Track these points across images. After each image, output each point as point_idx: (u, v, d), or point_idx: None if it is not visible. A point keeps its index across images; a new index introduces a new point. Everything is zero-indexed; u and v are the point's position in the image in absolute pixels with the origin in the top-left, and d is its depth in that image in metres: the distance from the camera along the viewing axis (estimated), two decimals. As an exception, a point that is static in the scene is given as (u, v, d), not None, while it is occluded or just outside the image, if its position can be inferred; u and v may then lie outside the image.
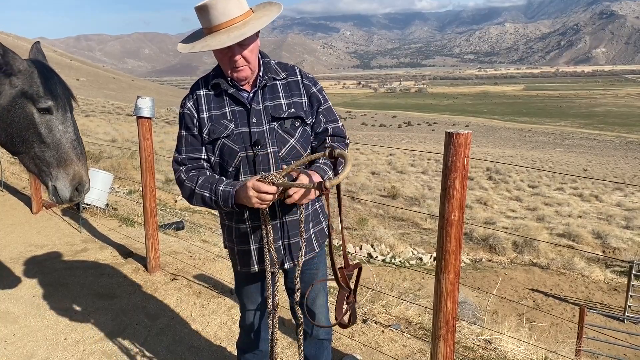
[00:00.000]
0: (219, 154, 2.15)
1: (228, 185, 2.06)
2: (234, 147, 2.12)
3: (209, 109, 2.16)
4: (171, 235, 6.02)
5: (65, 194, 2.44)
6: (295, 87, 2.21)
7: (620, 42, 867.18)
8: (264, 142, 2.12)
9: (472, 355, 3.46)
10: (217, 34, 2.00)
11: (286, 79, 2.21)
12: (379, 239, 14.29)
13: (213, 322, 3.79)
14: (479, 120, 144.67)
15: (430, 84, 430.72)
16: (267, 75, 2.17)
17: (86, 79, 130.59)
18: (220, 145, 2.13)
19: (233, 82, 2.13)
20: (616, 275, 13.45)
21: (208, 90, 2.18)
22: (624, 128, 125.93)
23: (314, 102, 2.23)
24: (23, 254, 5.07)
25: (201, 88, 2.20)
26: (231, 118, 2.13)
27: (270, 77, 2.17)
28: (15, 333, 3.65)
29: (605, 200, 25.03)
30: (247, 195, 1.97)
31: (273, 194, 1.94)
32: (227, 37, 1.96)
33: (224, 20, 1.98)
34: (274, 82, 2.18)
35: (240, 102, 2.14)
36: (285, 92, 2.19)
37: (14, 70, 2.41)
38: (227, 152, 2.13)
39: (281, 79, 2.20)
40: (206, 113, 2.15)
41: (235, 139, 2.12)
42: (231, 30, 1.98)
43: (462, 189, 2.37)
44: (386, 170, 30.19)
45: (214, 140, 2.13)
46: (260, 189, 1.93)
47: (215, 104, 2.16)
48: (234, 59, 2.03)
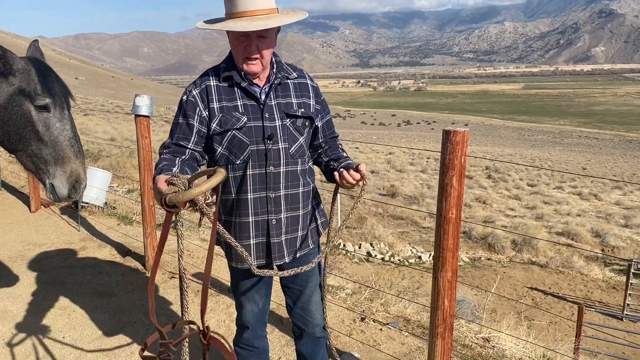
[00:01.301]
0: (227, 145, 2.13)
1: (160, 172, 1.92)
2: (244, 140, 2.11)
3: (220, 99, 2.14)
4: (170, 234, 6.01)
5: (63, 191, 2.44)
6: (305, 88, 2.25)
7: (620, 41, 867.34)
8: (276, 137, 2.13)
9: (471, 353, 3.46)
10: (239, 20, 2.00)
11: (297, 79, 2.25)
12: (378, 237, 14.29)
13: (211, 321, 3.79)
14: (478, 119, 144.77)
15: (429, 82, 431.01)
16: (281, 74, 2.19)
17: (85, 78, 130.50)
18: (231, 136, 2.11)
19: (246, 75, 2.13)
20: (615, 273, 13.46)
21: (219, 81, 2.16)
22: (623, 127, 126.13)
23: (324, 107, 2.34)
24: (21, 253, 5.07)
25: (212, 78, 2.17)
26: (243, 111, 2.12)
27: (284, 76, 2.20)
28: (13, 331, 3.65)
29: (604, 198, 25.06)
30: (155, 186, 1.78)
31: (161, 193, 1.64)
32: (250, 23, 1.97)
33: (249, 8, 2.00)
34: (286, 81, 2.21)
35: (253, 97, 2.14)
36: (296, 91, 2.22)
37: (12, 69, 2.40)
38: (237, 145, 2.12)
39: (293, 79, 2.24)
40: (217, 104, 2.13)
41: (247, 132, 2.11)
42: (254, 19, 2.00)
43: (460, 187, 2.37)
44: (385, 169, 30.19)
45: (224, 131, 2.11)
46: (156, 182, 1.75)
47: (227, 96, 2.14)
48: (249, 49, 2.04)
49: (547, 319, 10.18)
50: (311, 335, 2.47)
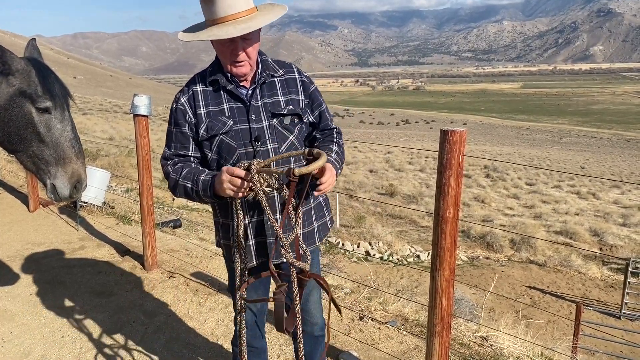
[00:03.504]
0: (216, 150, 2.14)
1: (208, 175, 2.05)
2: (232, 144, 2.11)
3: (207, 105, 2.14)
4: (168, 233, 6.02)
5: (65, 192, 2.46)
6: (292, 84, 2.22)
7: (618, 40, 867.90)
8: (264, 138, 2.12)
9: (468, 351, 3.48)
10: (223, 26, 1.99)
11: (284, 75, 2.22)
12: (376, 236, 14.31)
13: (210, 320, 3.80)
14: (477, 118, 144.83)
15: (428, 81, 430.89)
16: (266, 72, 2.17)
17: (83, 77, 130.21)
18: (218, 141, 2.12)
19: (232, 78, 2.13)
20: (613, 272, 13.50)
21: (205, 86, 2.17)
22: (621, 126, 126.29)
23: (314, 100, 2.26)
24: (20, 252, 5.07)
25: (198, 84, 2.18)
26: (229, 114, 2.12)
27: (269, 74, 2.18)
28: (12, 331, 3.65)
29: (602, 198, 25.11)
30: (220, 180, 1.94)
31: (243, 178, 1.88)
32: (234, 28, 1.96)
33: (230, 12, 1.97)
34: (272, 79, 2.19)
35: (239, 99, 2.13)
36: (283, 88, 2.19)
37: (12, 69, 2.41)
38: (226, 149, 2.12)
39: (279, 76, 2.20)
40: (204, 109, 2.14)
41: (234, 135, 2.11)
42: (237, 22, 1.98)
43: (457, 187, 2.38)
44: (384, 168, 30.22)
45: (211, 136, 2.12)
46: (233, 173, 1.90)
47: (213, 100, 2.15)
48: (236, 53, 2.03)
49: (545, 317, 10.21)
50: (310, 334, 2.48)
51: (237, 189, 1.91)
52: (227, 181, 1.91)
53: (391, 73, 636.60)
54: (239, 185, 1.90)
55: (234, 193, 1.93)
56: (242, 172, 1.89)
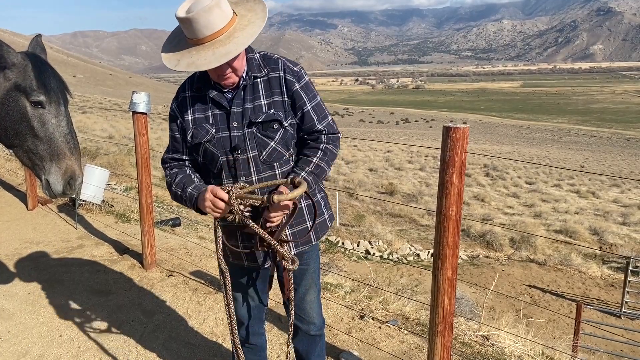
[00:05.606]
0: (202, 156, 2.17)
1: (195, 189, 2.10)
2: (215, 152, 2.12)
3: (194, 111, 2.15)
4: (168, 232, 5.99)
5: (58, 187, 2.43)
6: (276, 84, 2.12)
7: (618, 39, 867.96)
8: (243, 147, 2.10)
9: (470, 351, 3.45)
10: (201, 49, 1.91)
11: (267, 75, 2.12)
12: (376, 235, 14.28)
13: (209, 319, 3.77)
14: (477, 117, 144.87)
15: (427, 80, 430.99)
16: (248, 75, 2.11)
17: (83, 76, 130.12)
18: (203, 149, 2.15)
19: (216, 84, 2.10)
20: (613, 271, 13.47)
21: (193, 91, 2.16)
22: (620, 125, 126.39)
23: (297, 100, 2.12)
24: (18, 251, 5.04)
25: (187, 90, 2.19)
26: (213, 122, 2.12)
27: (251, 76, 2.11)
28: (10, 330, 3.63)
29: (602, 196, 25.11)
30: (203, 198, 2.01)
31: (225, 202, 1.96)
32: (213, 54, 1.89)
33: (207, 33, 1.90)
34: (254, 81, 2.12)
35: (222, 106, 2.11)
36: (266, 90, 2.12)
37: (8, 63, 2.39)
38: (209, 157, 2.14)
39: (262, 76, 2.12)
40: (190, 116, 2.15)
41: (216, 143, 2.11)
42: (216, 44, 1.90)
43: (460, 184, 2.35)
44: (384, 167, 30.19)
45: (197, 144, 2.15)
46: (216, 194, 1.96)
47: (200, 106, 2.15)
48: (221, 70, 1.99)
49: (546, 316, 10.19)
50: (306, 332, 2.47)
51: (218, 210, 1.99)
52: (209, 200, 1.97)
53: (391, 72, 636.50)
54: (220, 207, 1.97)
55: (214, 213, 2.00)
56: (224, 195, 1.97)
